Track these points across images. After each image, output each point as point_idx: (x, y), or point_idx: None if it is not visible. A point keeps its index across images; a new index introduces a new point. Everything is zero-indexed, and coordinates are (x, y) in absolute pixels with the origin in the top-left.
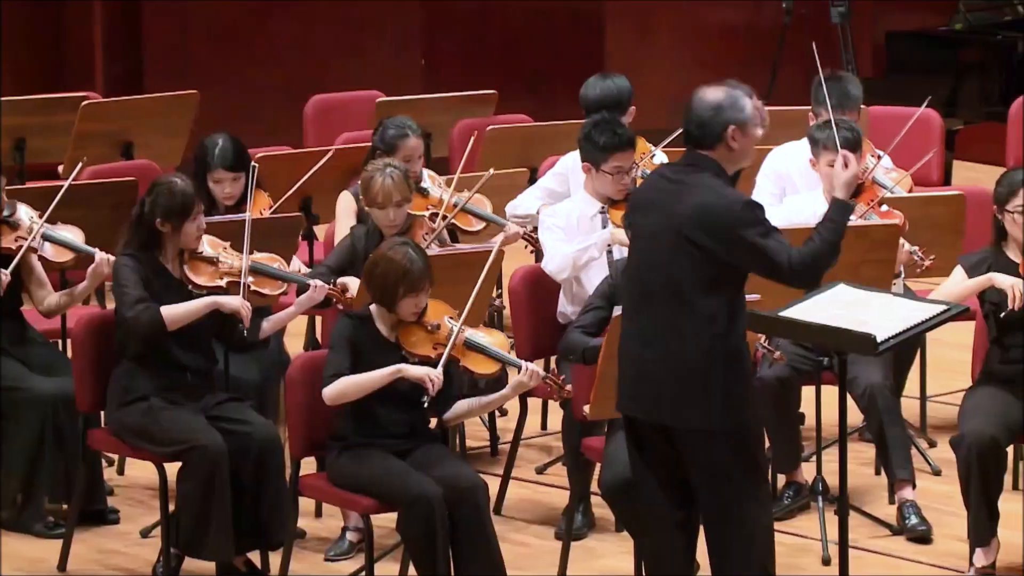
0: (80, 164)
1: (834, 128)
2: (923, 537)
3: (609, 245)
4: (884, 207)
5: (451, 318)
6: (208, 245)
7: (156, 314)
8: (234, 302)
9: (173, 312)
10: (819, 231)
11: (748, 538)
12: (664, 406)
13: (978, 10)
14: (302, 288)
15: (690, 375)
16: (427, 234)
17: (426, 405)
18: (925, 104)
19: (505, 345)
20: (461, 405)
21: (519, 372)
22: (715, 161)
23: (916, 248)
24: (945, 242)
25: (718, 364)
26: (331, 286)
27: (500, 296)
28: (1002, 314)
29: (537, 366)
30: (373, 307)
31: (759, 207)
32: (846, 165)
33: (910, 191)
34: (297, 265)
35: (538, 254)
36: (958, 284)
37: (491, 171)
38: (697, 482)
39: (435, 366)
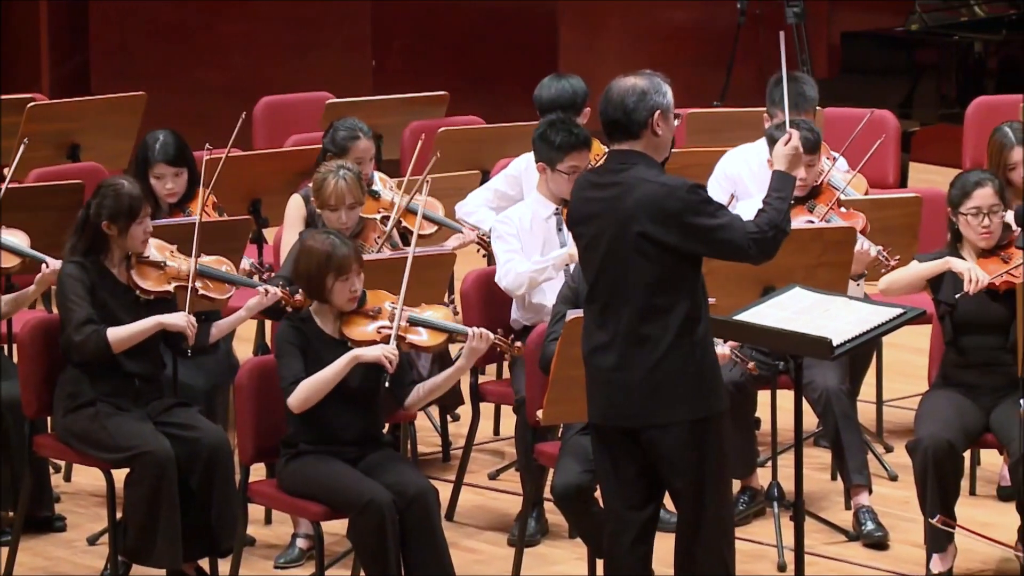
0: (11, 167)
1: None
2: (879, 543)
3: (564, 246)
4: (842, 209)
5: (391, 303)
6: (155, 249)
7: (102, 339)
8: (179, 321)
9: (119, 335)
10: (768, 203)
11: (720, 535)
12: (641, 409)
13: (934, 11)
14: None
15: (665, 374)
16: (379, 237)
17: (387, 384)
18: (871, 108)
19: (449, 316)
20: (419, 389)
21: (468, 339)
22: (642, 153)
23: (881, 248)
24: (901, 244)
25: (690, 356)
26: (283, 289)
27: (453, 300)
28: (957, 296)
29: (486, 330)
30: (312, 307)
31: (702, 187)
32: (788, 141)
33: (866, 193)
34: (246, 264)
35: (490, 258)
36: (911, 268)
37: (427, 176)
38: (672, 480)
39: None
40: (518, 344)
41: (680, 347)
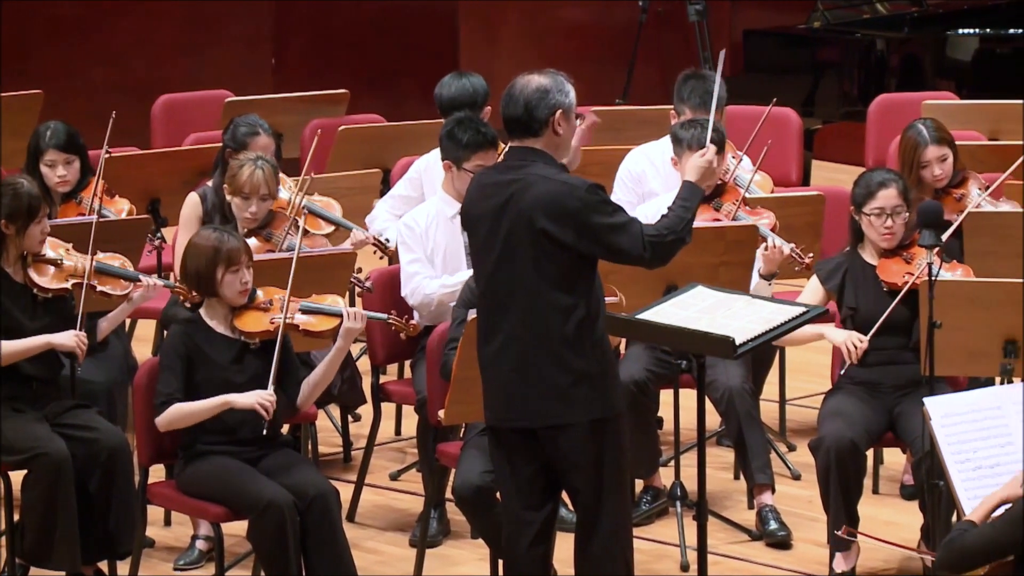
0: None
1: (705, 126)
2: (782, 542)
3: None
4: (748, 207)
5: (281, 295)
6: (50, 247)
7: None
8: (68, 341)
9: (7, 349)
10: (671, 209)
11: (619, 535)
12: (540, 410)
13: (836, 8)
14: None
15: (563, 374)
16: (286, 227)
17: (265, 432)
18: (773, 103)
19: (338, 301)
20: (306, 385)
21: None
22: (542, 151)
23: (794, 246)
24: (804, 242)
25: (589, 354)
26: (177, 284)
27: (368, 278)
28: (842, 372)
29: (362, 310)
30: (203, 308)
31: (601, 188)
32: (704, 154)
33: (771, 191)
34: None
35: (390, 260)
36: (801, 331)
37: (311, 176)
38: (571, 480)
39: (273, 341)
40: (413, 322)
41: (578, 347)
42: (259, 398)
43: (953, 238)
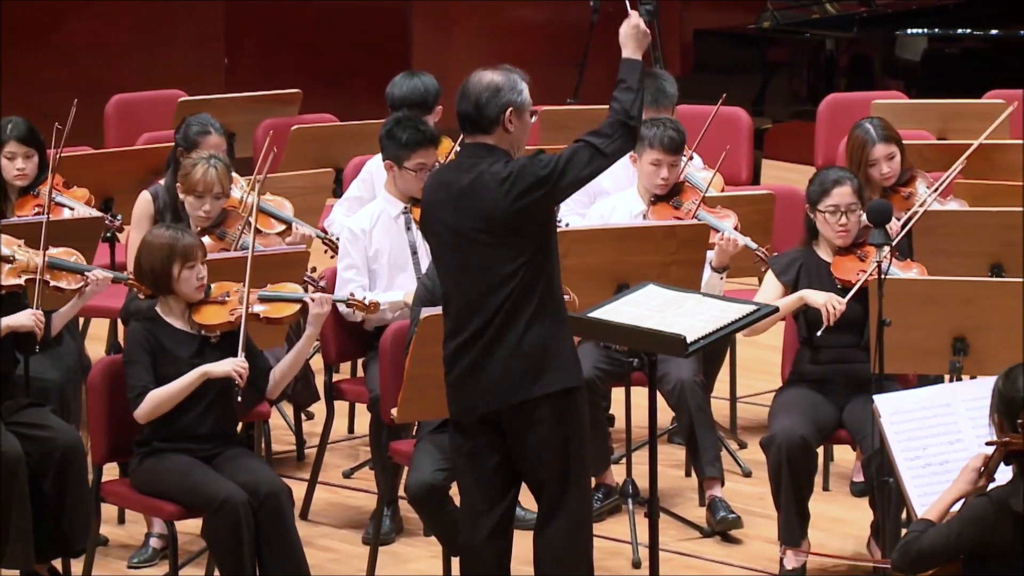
0: None
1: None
2: (733, 526)
3: (414, 248)
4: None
5: (237, 286)
6: (3, 244)
7: None
8: (26, 320)
9: None
10: (614, 97)
11: (583, 523)
12: (509, 389)
13: (785, 8)
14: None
15: (528, 350)
16: (239, 226)
17: (240, 399)
18: (721, 102)
19: (297, 289)
20: (275, 373)
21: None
22: (494, 147)
23: (757, 246)
24: (754, 241)
25: (556, 331)
26: (128, 277)
27: (322, 278)
28: (818, 332)
29: (325, 294)
30: (159, 306)
31: (539, 152)
32: (630, 22)
33: (722, 190)
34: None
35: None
36: (769, 301)
37: (263, 175)
38: (535, 468)
39: (237, 333)
40: (371, 302)
41: (540, 324)
42: (234, 365)
43: (903, 237)
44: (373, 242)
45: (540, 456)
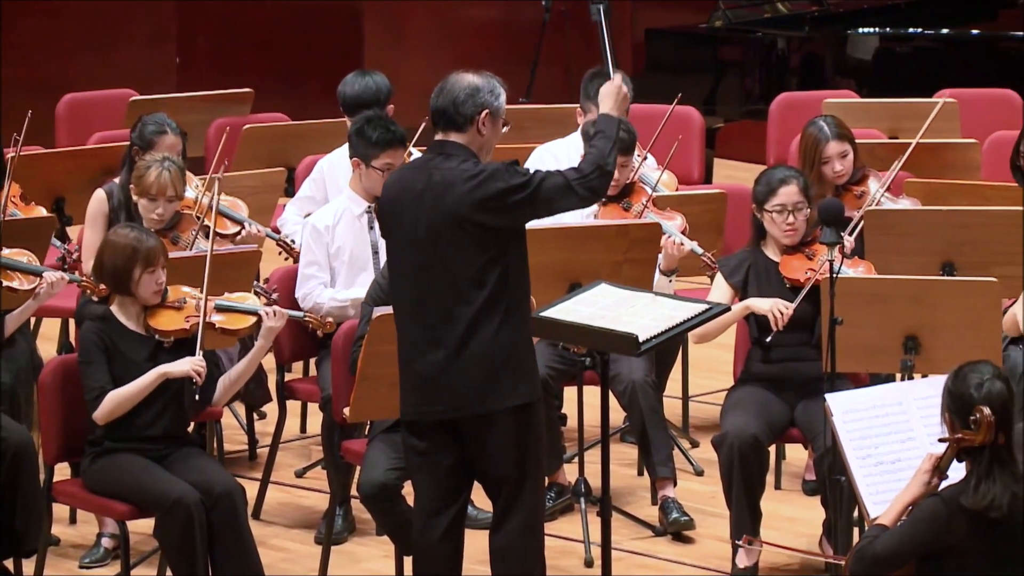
0: None
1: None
2: (686, 527)
3: (376, 248)
4: (656, 207)
5: (195, 294)
6: None
7: None
8: None
9: None
10: (592, 145)
11: (537, 523)
12: (479, 396)
13: (737, 7)
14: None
15: (499, 357)
16: (194, 230)
17: (197, 397)
18: (676, 102)
19: (253, 300)
20: (223, 381)
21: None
22: (466, 146)
23: (697, 244)
24: (706, 240)
25: (520, 340)
26: (83, 279)
27: (275, 290)
28: (768, 339)
29: (280, 308)
30: (113, 306)
31: (515, 162)
32: (613, 83)
33: (676, 190)
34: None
35: (295, 260)
36: (717, 321)
37: (219, 174)
38: (495, 468)
39: (190, 339)
40: (328, 320)
41: (505, 335)
42: (192, 364)
43: (854, 236)
44: (335, 239)
45: (499, 461)
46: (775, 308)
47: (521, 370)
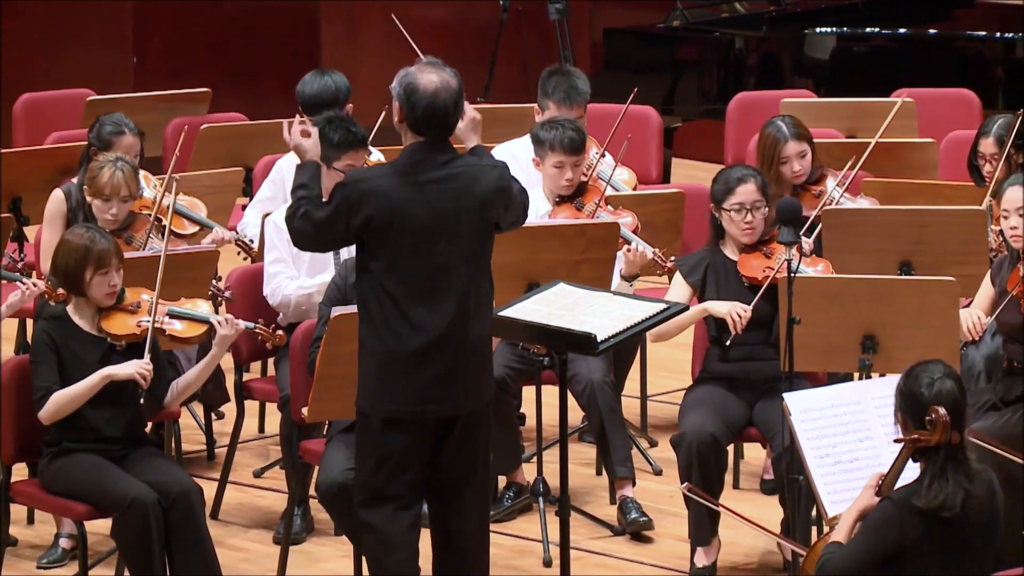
0: None
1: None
2: (645, 527)
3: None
4: (610, 207)
5: (149, 296)
6: None
7: None
8: None
9: None
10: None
11: (487, 526)
12: (479, 392)
13: (695, 7)
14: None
15: (485, 355)
16: (148, 231)
17: (142, 401)
18: (632, 97)
19: (209, 308)
20: (175, 385)
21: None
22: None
23: (656, 250)
24: (664, 240)
25: (489, 339)
26: (46, 283)
27: (229, 288)
28: (727, 342)
29: (234, 317)
30: (69, 307)
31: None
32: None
33: (635, 188)
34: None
35: (253, 261)
36: (674, 321)
37: (177, 175)
38: (460, 470)
39: (143, 343)
40: (279, 332)
41: (486, 329)
42: (138, 367)
43: (812, 235)
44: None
45: (472, 457)
46: (733, 312)
47: (491, 365)
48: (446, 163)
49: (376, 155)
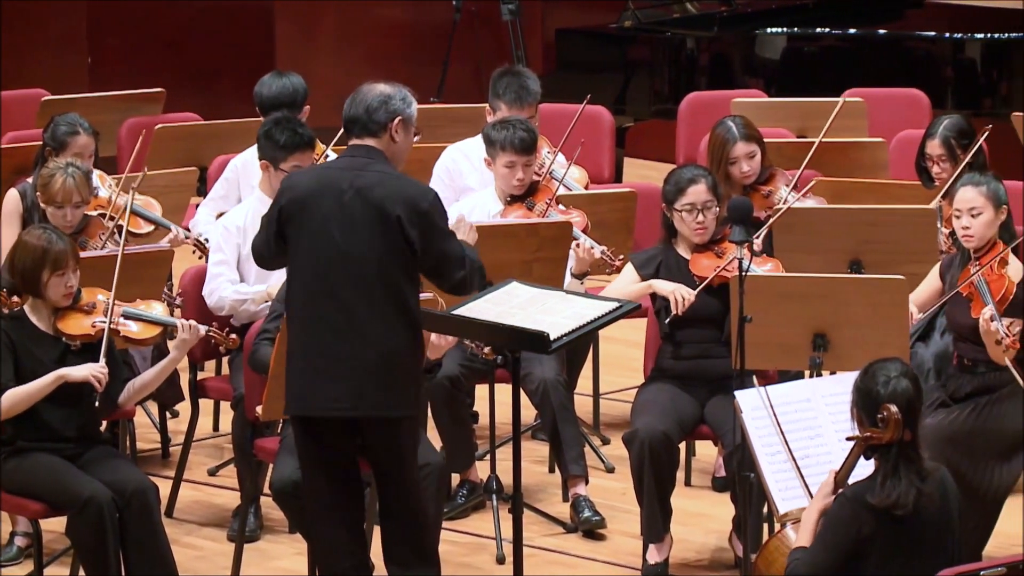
0: None
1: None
2: (597, 526)
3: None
4: (561, 206)
5: (106, 298)
6: None
7: None
8: None
9: None
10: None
11: (425, 523)
12: (370, 398)
13: (647, 7)
14: None
15: (397, 364)
16: (103, 234)
17: (98, 404)
18: (587, 101)
19: (164, 310)
20: (131, 386)
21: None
22: (382, 152)
23: (605, 248)
24: (616, 239)
25: (415, 351)
26: (2, 295)
27: (180, 294)
28: (667, 320)
29: (196, 323)
30: (26, 306)
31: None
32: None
33: (587, 186)
34: None
35: (206, 259)
36: (620, 291)
37: (145, 171)
38: (382, 471)
39: (97, 344)
40: (232, 336)
41: (408, 340)
42: (92, 370)
43: (763, 235)
44: (247, 240)
45: (388, 461)
46: (677, 292)
47: (416, 378)
48: (366, 165)
49: (332, 155)
